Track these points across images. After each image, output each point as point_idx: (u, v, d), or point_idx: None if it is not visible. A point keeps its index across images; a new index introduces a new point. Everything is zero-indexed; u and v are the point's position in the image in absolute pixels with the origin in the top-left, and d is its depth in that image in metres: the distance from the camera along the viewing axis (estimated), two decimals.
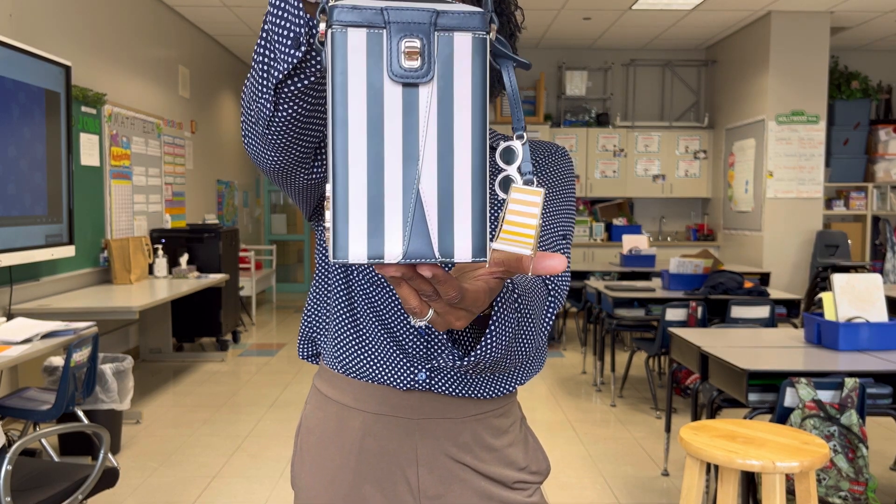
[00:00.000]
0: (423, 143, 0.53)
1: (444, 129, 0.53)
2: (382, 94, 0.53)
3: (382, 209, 0.53)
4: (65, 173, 4.34)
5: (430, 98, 0.53)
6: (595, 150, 8.09)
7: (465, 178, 0.54)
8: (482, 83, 0.54)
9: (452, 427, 1.01)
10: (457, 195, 0.54)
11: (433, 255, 0.53)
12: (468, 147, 0.53)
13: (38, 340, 3.06)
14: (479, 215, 0.54)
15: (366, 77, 0.52)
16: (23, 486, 2.14)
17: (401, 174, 0.53)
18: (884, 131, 7.41)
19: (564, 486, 3.29)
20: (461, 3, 0.55)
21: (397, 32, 0.53)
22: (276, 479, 3.34)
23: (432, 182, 0.53)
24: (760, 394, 2.41)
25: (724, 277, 4.40)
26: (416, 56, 0.52)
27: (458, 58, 0.54)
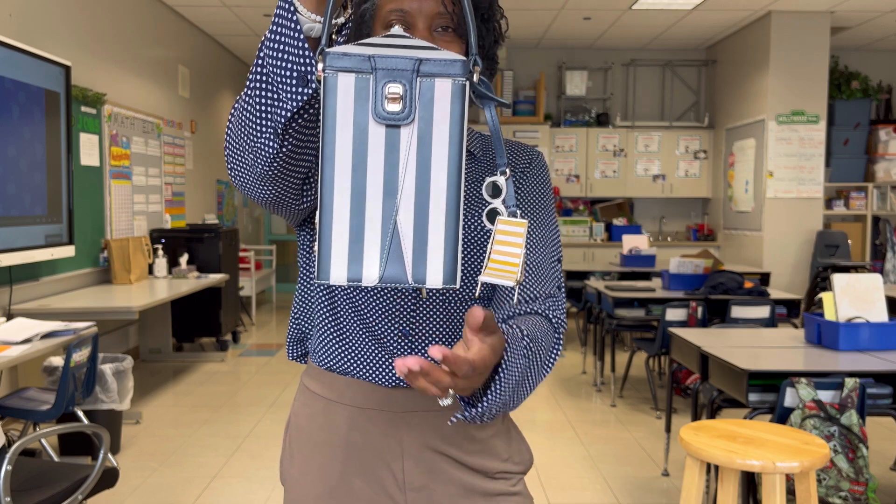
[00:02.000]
0: (402, 178, 0.59)
1: (423, 167, 0.59)
2: (367, 134, 0.59)
3: (363, 237, 0.59)
4: (64, 173, 4.34)
5: (410, 138, 0.59)
6: (595, 150, 8.09)
7: (439, 212, 0.59)
8: (460, 125, 0.59)
9: (436, 419, 1.03)
10: (431, 227, 0.59)
11: (407, 280, 0.60)
12: (444, 184, 0.59)
13: (37, 340, 3.06)
14: (452, 246, 0.60)
15: (353, 118, 0.59)
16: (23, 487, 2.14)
17: (381, 206, 0.59)
18: (884, 131, 7.41)
19: (564, 486, 3.29)
20: (445, 51, 0.61)
21: (382, 78, 0.59)
22: (276, 480, 3.34)
23: (409, 214, 0.59)
24: (760, 394, 2.40)
25: (725, 277, 4.40)
26: (398, 100, 0.58)
27: (439, 102, 0.59)
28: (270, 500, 3.12)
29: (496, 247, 0.65)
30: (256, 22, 7.11)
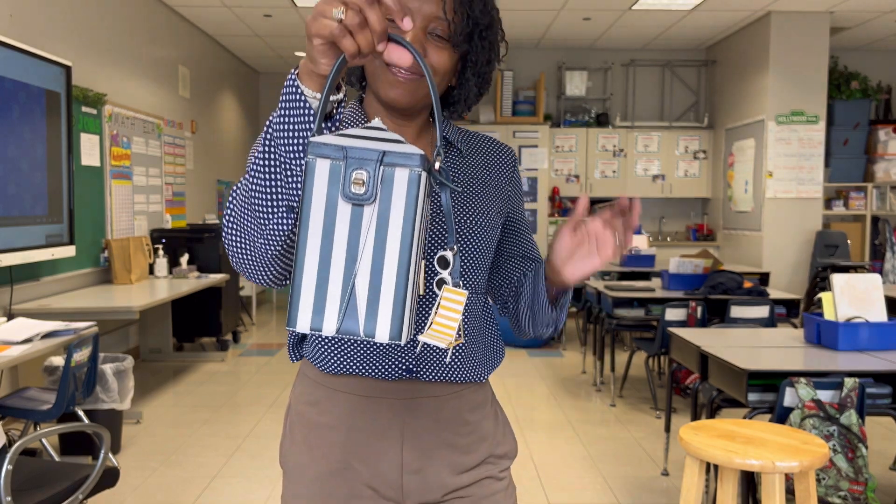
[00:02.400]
0: (362, 248, 0.71)
1: (380, 240, 0.71)
2: (336, 209, 0.72)
3: (326, 294, 0.71)
4: (65, 173, 4.34)
5: (371, 215, 0.71)
6: (595, 150, 8.09)
7: (391, 279, 0.70)
8: (413, 207, 0.71)
9: (436, 403, 1.09)
10: (383, 291, 0.70)
11: (359, 333, 0.71)
12: (396, 256, 0.70)
13: (38, 340, 3.06)
14: (399, 308, 0.71)
15: (326, 195, 0.71)
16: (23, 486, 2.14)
17: (342, 269, 0.71)
18: (883, 131, 7.42)
19: (564, 486, 3.29)
20: (408, 145, 0.73)
21: (351, 165, 0.72)
22: (276, 479, 3.35)
23: (365, 278, 0.70)
24: (760, 393, 2.41)
25: (724, 277, 4.40)
26: (362, 184, 0.71)
27: (397, 187, 0.71)
28: (270, 499, 3.13)
29: (440, 311, 0.79)
30: (256, 22, 7.12)
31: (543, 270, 1.05)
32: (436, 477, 1.09)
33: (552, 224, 7.95)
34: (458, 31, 1.02)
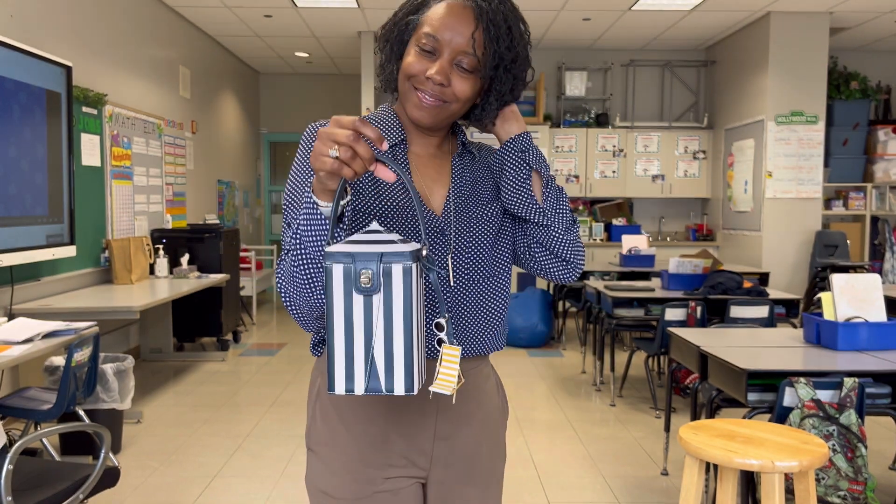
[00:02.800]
0: (374, 327, 0.94)
1: (387, 319, 0.94)
2: (352, 300, 0.94)
3: (353, 364, 0.95)
4: (66, 173, 4.34)
5: (379, 302, 0.94)
6: (594, 150, 8.09)
7: (399, 346, 0.94)
8: (409, 292, 0.94)
9: (465, 377, 1.22)
10: (395, 356, 0.94)
11: (382, 390, 0.95)
12: (402, 329, 0.94)
13: (39, 340, 3.07)
14: (409, 367, 0.94)
15: (343, 290, 0.94)
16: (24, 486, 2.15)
17: (363, 345, 0.94)
18: (883, 132, 7.42)
19: (564, 485, 3.30)
20: (400, 244, 0.94)
21: (359, 266, 0.94)
22: (277, 479, 3.35)
23: (381, 349, 0.94)
24: (760, 393, 2.41)
25: (724, 277, 4.41)
26: (369, 280, 0.93)
27: (395, 278, 0.93)
28: (271, 499, 3.13)
29: (443, 365, 1.01)
30: (257, 22, 7.12)
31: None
32: (460, 441, 1.24)
33: None
34: (483, 65, 1.14)
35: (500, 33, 1.14)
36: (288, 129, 10.07)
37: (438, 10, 1.13)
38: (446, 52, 1.12)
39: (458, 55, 1.12)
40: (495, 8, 1.14)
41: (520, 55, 1.20)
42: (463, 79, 1.14)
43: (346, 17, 6.94)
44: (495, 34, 1.13)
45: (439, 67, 1.12)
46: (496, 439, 1.32)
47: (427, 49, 1.12)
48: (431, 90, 1.13)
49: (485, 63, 1.14)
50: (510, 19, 1.16)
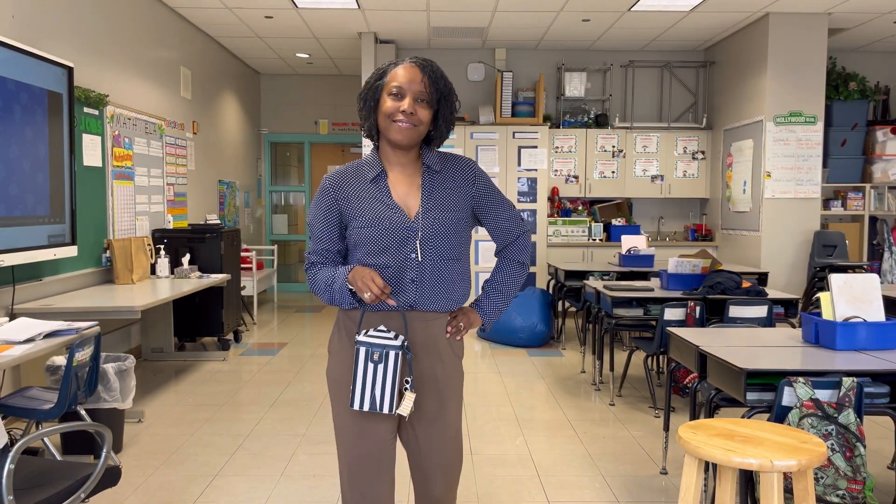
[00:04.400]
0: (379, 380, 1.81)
1: (384, 378, 1.80)
2: (368, 367, 1.80)
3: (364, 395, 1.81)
4: (67, 174, 4.35)
5: (382, 369, 1.80)
6: (594, 150, 8.11)
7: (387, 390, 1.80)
8: (396, 365, 1.79)
9: (429, 322, 1.89)
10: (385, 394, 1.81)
11: (377, 409, 1.81)
12: (391, 383, 1.80)
13: (40, 340, 3.08)
14: (391, 400, 1.80)
15: (364, 360, 1.80)
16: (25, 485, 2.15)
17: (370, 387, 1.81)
18: (881, 132, 7.44)
19: (563, 484, 3.31)
20: (394, 340, 1.79)
21: (374, 350, 1.79)
22: (277, 478, 3.36)
23: (378, 390, 1.80)
24: (758, 393, 2.42)
25: (723, 277, 4.42)
26: (378, 357, 1.79)
27: (391, 358, 1.78)
28: (272, 498, 3.14)
29: (405, 399, 1.82)
30: (258, 23, 7.13)
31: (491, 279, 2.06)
32: (423, 366, 1.89)
33: (551, 224, 7.96)
34: (432, 98, 1.83)
35: (437, 78, 1.84)
36: (288, 130, 10.08)
37: (399, 71, 1.82)
38: (409, 94, 1.80)
39: (416, 94, 1.80)
40: (431, 65, 1.85)
41: (451, 89, 1.88)
42: (422, 108, 1.82)
43: (347, 17, 6.95)
44: (434, 79, 1.83)
45: (408, 103, 1.79)
46: (452, 366, 1.93)
47: (395, 94, 1.80)
48: (406, 119, 1.80)
49: (432, 96, 1.82)
50: (440, 71, 1.86)
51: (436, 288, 1.85)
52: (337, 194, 1.86)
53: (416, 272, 1.83)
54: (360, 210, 1.83)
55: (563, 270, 6.19)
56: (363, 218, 1.82)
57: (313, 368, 5.62)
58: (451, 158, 1.93)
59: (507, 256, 2.02)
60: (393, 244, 1.81)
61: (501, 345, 6.50)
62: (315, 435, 3.99)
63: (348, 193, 1.85)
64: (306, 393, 4.88)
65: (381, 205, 1.83)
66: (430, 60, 1.86)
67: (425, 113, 1.82)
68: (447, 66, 8.32)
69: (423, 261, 1.83)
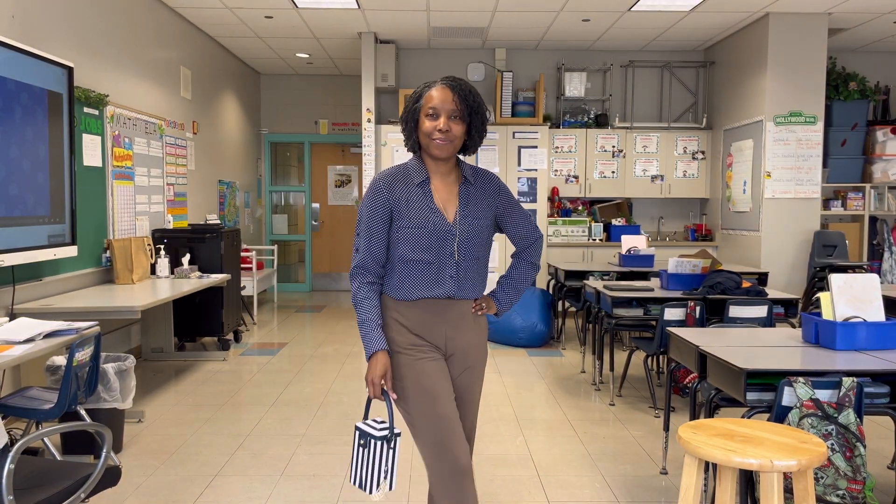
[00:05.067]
0: (369, 460, 2.01)
1: (373, 461, 1.99)
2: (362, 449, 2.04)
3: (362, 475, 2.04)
4: (67, 174, 4.35)
5: (368, 452, 2.02)
6: (594, 150, 8.11)
7: (376, 469, 1.99)
8: (384, 454, 1.98)
9: (461, 306, 2.14)
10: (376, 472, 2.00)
11: (366, 490, 2.01)
12: (378, 464, 1.99)
13: (40, 340, 3.08)
14: (387, 476, 1.98)
15: (358, 442, 2.06)
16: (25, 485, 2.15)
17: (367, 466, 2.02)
18: (881, 132, 7.44)
19: (563, 484, 3.31)
20: (383, 431, 2.00)
21: (362, 437, 2.05)
22: (277, 478, 3.36)
23: (374, 469, 2.00)
24: (758, 393, 2.42)
25: (723, 277, 4.42)
26: (365, 443, 2.03)
27: (375, 450, 2.00)
28: (272, 498, 3.14)
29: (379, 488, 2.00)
30: (258, 23, 7.13)
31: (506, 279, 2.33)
32: (460, 341, 2.14)
33: (552, 224, 7.96)
34: (464, 114, 2.06)
35: (466, 95, 2.06)
36: (288, 130, 10.08)
37: (433, 93, 2.06)
38: (443, 113, 2.04)
39: (449, 112, 2.04)
40: (461, 83, 2.08)
41: (480, 104, 2.10)
42: (456, 124, 2.06)
43: (347, 17, 6.95)
44: (464, 96, 2.06)
45: (443, 122, 2.04)
46: (480, 342, 2.21)
47: (431, 115, 2.05)
48: (441, 136, 2.04)
49: (464, 111, 2.06)
50: (469, 87, 2.09)
51: (468, 283, 2.12)
52: (389, 194, 2.07)
53: (454, 269, 2.09)
54: (408, 211, 2.06)
55: (563, 270, 6.19)
56: (411, 219, 2.05)
57: (313, 368, 5.62)
58: (481, 172, 2.20)
59: (523, 258, 2.29)
60: (435, 244, 2.05)
61: (501, 345, 6.50)
62: (315, 435, 3.99)
63: (398, 195, 2.07)
64: (306, 393, 4.88)
65: (426, 208, 2.07)
66: (460, 79, 2.09)
67: (459, 128, 2.06)
68: (447, 66, 8.32)
69: (458, 259, 2.09)
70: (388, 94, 8.33)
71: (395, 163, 7.62)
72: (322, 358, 5.99)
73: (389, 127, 7.70)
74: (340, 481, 3.34)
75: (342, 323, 7.75)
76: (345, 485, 3.29)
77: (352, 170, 10.44)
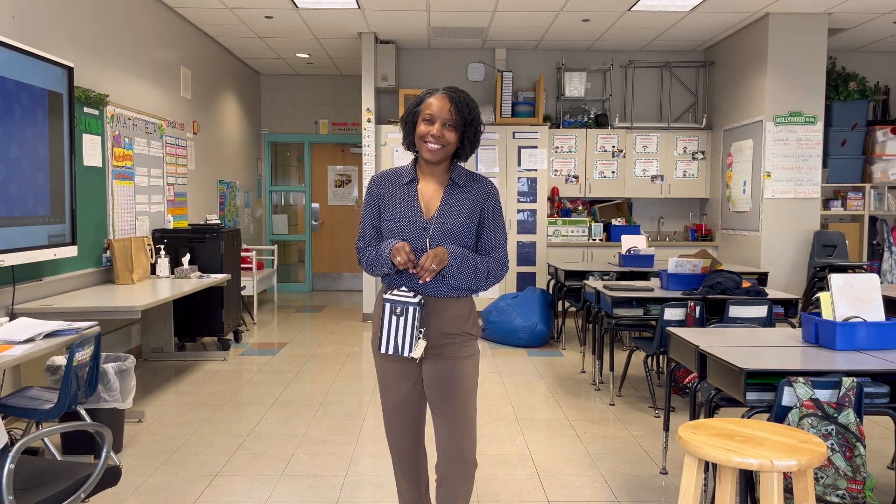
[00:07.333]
0: (401, 329, 2.21)
1: (406, 327, 2.21)
2: (392, 319, 2.21)
3: (390, 342, 2.22)
4: (67, 174, 4.36)
5: (404, 321, 2.22)
6: (594, 150, 8.11)
7: (408, 337, 2.21)
8: (415, 318, 2.20)
9: (443, 304, 2.27)
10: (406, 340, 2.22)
11: (399, 352, 2.22)
12: (410, 331, 2.21)
13: (40, 340, 3.08)
14: (411, 345, 2.22)
15: (389, 313, 2.22)
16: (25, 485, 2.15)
17: (394, 335, 2.22)
18: (881, 132, 7.44)
19: (563, 484, 3.31)
20: (413, 297, 2.20)
21: (396, 305, 2.21)
22: (277, 478, 3.36)
23: (401, 337, 2.21)
24: (758, 393, 2.43)
25: (722, 277, 4.42)
26: (400, 312, 2.21)
27: (409, 312, 2.20)
28: (272, 498, 3.14)
29: (417, 344, 2.21)
30: (258, 23, 7.13)
31: None
32: (432, 330, 2.25)
33: (551, 224, 7.97)
34: (458, 124, 2.22)
35: (462, 106, 2.22)
36: (288, 130, 10.08)
37: (432, 101, 2.21)
38: (438, 119, 2.20)
39: (444, 120, 2.20)
40: (459, 95, 2.23)
41: (475, 116, 2.25)
42: (449, 131, 2.21)
43: (347, 18, 6.95)
44: (461, 107, 2.21)
45: (437, 128, 2.20)
46: (454, 335, 2.28)
47: (428, 120, 2.21)
48: (435, 140, 2.20)
49: (458, 121, 2.21)
50: (467, 100, 2.24)
51: (437, 278, 2.24)
52: (378, 189, 2.32)
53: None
54: (391, 206, 2.28)
55: (563, 270, 6.19)
56: (391, 213, 2.27)
57: (313, 368, 5.62)
58: (476, 178, 2.34)
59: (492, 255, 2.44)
60: (409, 237, 2.22)
61: (501, 345, 6.50)
62: (315, 435, 3.99)
63: (385, 191, 2.31)
64: (306, 393, 4.88)
65: (406, 205, 2.26)
66: (460, 91, 2.24)
67: (452, 135, 2.21)
68: (447, 66, 8.32)
69: None
70: (388, 94, 8.33)
71: (394, 163, 7.63)
72: (322, 358, 5.99)
73: (389, 127, 7.70)
74: (340, 481, 3.34)
75: (342, 323, 7.75)
76: (345, 485, 3.30)
77: (352, 170, 10.44)
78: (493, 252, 2.31)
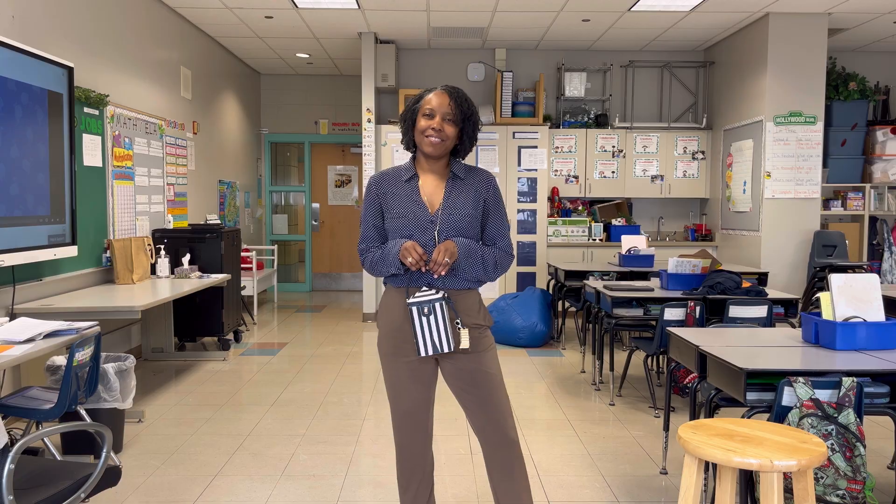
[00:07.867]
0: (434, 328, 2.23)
1: (436, 325, 2.22)
2: (422, 319, 2.22)
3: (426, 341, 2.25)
4: (67, 174, 4.36)
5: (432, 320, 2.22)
6: (594, 150, 8.11)
7: (443, 333, 2.23)
8: (443, 313, 2.21)
9: (454, 296, 2.29)
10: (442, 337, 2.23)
11: (439, 350, 2.24)
12: (443, 326, 2.22)
13: (40, 340, 3.08)
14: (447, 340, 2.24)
15: (417, 315, 2.22)
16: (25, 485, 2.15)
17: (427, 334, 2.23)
18: (881, 132, 7.44)
19: (563, 484, 3.31)
20: (437, 294, 2.21)
21: (423, 305, 2.21)
22: (278, 478, 3.36)
23: (436, 335, 2.23)
24: (758, 393, 2.43)
25: (722, 277, 4.42)
26: (428, 311, 2.21)
27: (437, 309, 2.21)
28: (272, 498, 3.14)
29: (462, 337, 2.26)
30: (258, 23, 7.13)
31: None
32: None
33: (551, 224, 7.97)
34: (457, 118, 2.27)
35: (461, 102, 2.27)
36: (289, 130, 10.08)
37: (432, 97, 2.27)
38: (438, 114, 2.25)
39: (444, 115, 2.25)
40: (458, 91, 2.29)
41: (473, 111, 2.31)
42: (449, 126, 2.26)
43: (347, 18, 6.95)
44: (459, 102, 2.27)
45: (437, 122, 2.25)
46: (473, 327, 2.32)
47: (428, 115, 2.25)
48: (435, 134, 2.24)
49: (457, 116, 2.26)
50: (465, 96, 2.30)
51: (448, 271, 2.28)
52: (378, 189, 2.33)
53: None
54: (394, 204, 2.29)
55: (563, 270, 6.19)
56: (395, 210, 2.28)
57: (313, 368, 5.62)
58: (476, 169, 2.38)
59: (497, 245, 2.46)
60: (416, 232, 2.25)
61: (501, 345, 6.50)
62: (315, 435, 3.99)
63: (385, 190, 2.32)
64: (306, 393, 4.88)
65: (410, 201, 2.28)
66: (458, 88, 2.31)
67: (452, 130, 2.26)
68: (447, 66, 8.32)
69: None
70: (388, 94, 8.33)
71: (394, 162, 7.63)
72: (322, 358, 5.99)
73: (389, 127, 7.70)
74: (340, 481, 3.34)
75: (342, 323, 7.75)
76: (345, 485, 3.30)
77: (352, 170, 10.44)
78: (498, 241, 2.34)
